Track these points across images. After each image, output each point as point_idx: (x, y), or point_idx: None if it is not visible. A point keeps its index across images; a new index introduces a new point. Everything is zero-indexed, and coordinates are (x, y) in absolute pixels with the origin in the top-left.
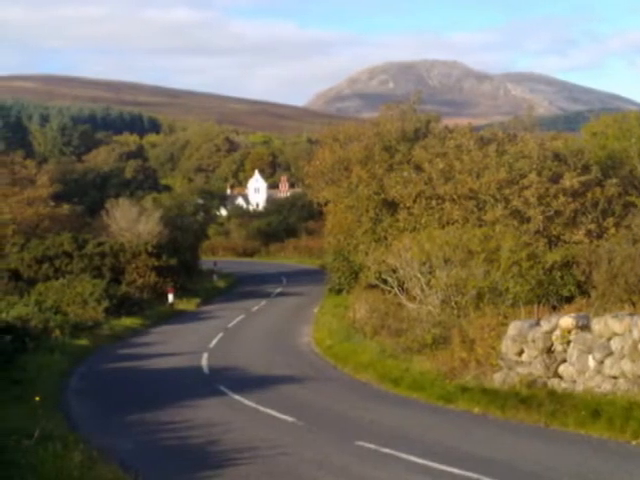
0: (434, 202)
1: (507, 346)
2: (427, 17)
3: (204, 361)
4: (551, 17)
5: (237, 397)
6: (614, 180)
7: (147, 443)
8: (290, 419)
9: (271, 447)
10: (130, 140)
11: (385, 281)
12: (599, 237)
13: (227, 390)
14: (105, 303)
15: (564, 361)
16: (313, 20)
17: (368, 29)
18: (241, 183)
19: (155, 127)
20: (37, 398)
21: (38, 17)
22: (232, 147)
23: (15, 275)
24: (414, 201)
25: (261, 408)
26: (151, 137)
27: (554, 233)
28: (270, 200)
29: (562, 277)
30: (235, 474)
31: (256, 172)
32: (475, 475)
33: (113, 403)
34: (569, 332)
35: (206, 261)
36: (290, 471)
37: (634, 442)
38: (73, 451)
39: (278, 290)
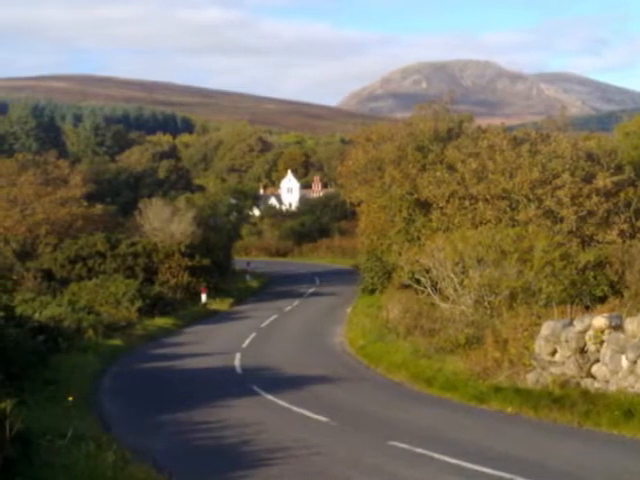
0: (467, 202)
1: (540, 346)
2: (460, 17)
3: (237, 361)
4: (584, 17)
5: (270, 397)
6: None
7: (180, 443)
8: (323, 419)
9: (304, 447)
10: (163, 140)
11: (418, 281)
12: (632, 237)
13: (260, 390)
14: (138, 303)
15: (597, 361)
16: (346, 20)
17: (401, 29)
18: (274, 183)
19: (188, 127)
20: (70, 398)
21: (71, 18)
22: (265, 147)
23: (48, 275)
24: (447, 201)
25: (294, 408)
26: (184, 137)
27: (587, 233)
28: (303, 200)
29: (595, 277)
30: (268, 474)
31: (289, 172)
32: (508, 475)
33: (146, 403)
34: (602, 332)
35: (239, 261)
36: (323, 471)
37: None
38: (106, 451)
39: (311, 290)
